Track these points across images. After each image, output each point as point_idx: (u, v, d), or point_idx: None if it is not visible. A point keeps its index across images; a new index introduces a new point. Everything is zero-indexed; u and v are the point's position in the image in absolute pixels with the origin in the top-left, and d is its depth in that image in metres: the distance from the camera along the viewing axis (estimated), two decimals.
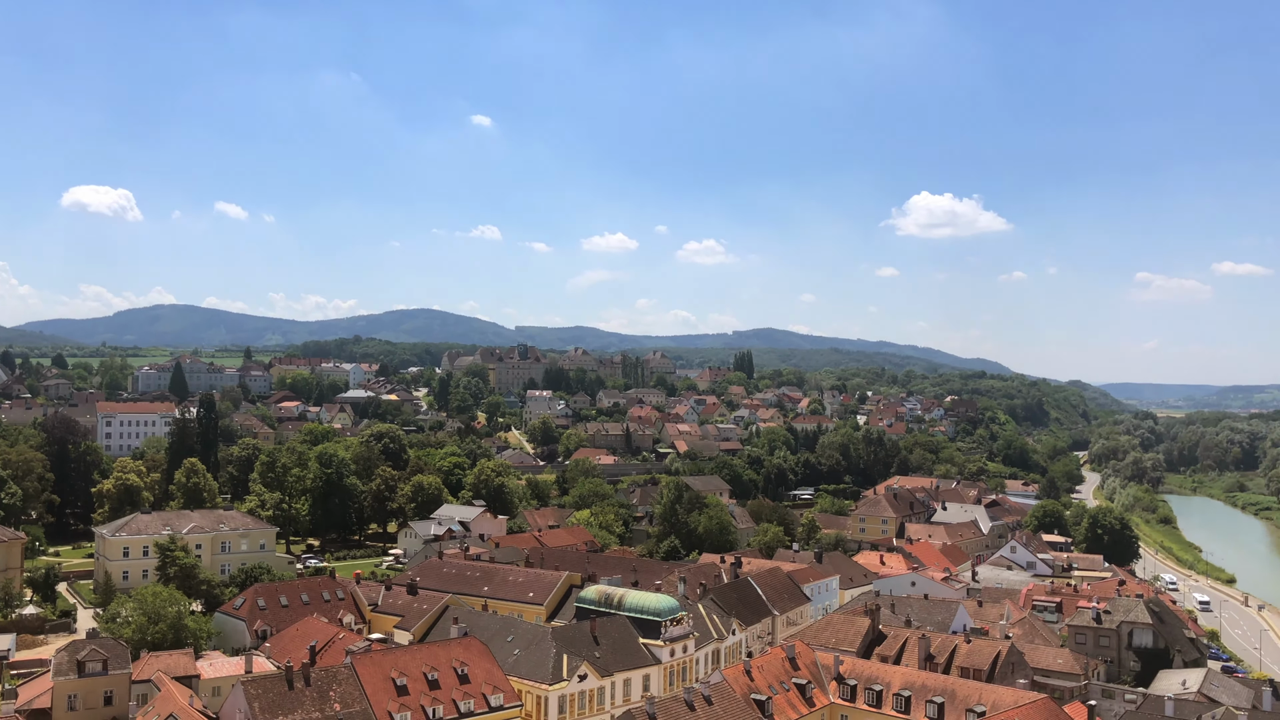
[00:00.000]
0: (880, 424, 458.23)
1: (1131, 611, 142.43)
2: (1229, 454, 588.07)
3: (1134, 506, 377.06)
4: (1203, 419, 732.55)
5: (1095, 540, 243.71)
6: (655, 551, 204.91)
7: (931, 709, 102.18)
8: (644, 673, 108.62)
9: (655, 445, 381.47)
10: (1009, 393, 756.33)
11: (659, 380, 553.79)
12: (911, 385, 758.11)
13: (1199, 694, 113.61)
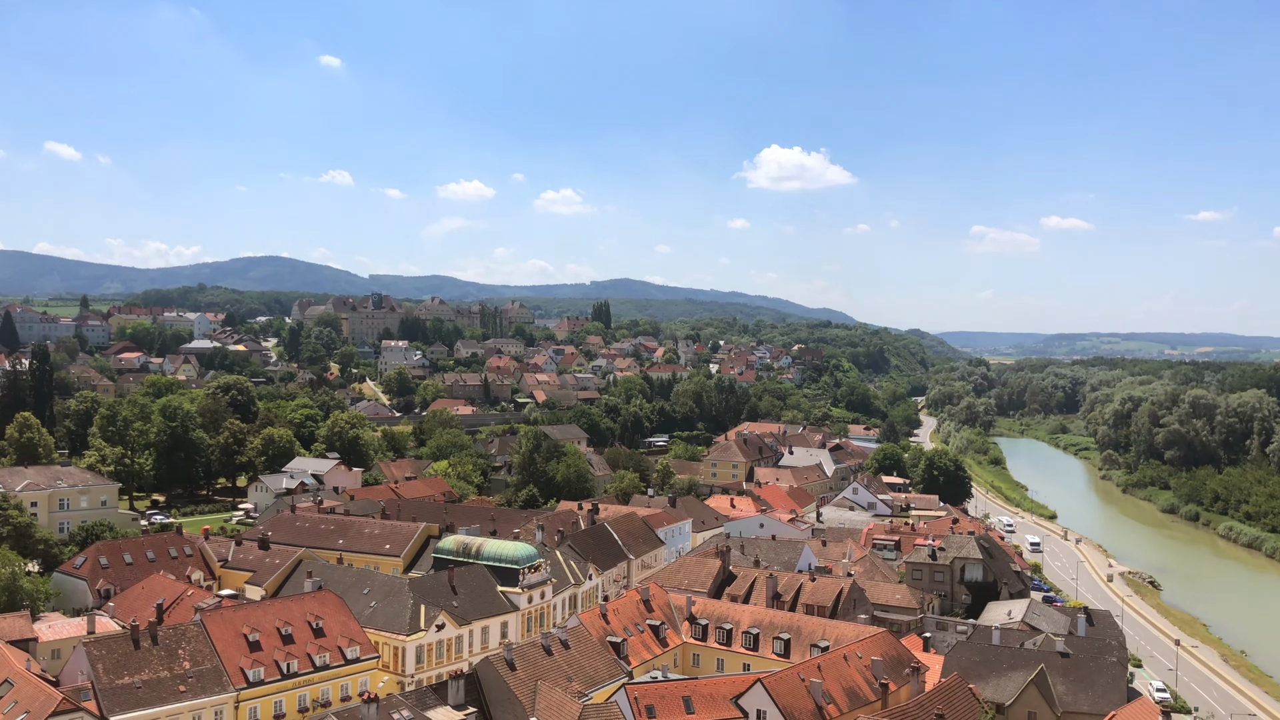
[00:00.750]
0: (732, 372, 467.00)
1: (964, 548, 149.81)
2: (1053, 398, 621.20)
3: (967, 449, 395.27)
4: (1030, 365, 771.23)
5: (931, 481, 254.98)
6: (514, 501, 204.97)
7: (778, 645, 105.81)
8: (502, 620, 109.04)
9: (514, 395, 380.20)
10: (853, 341, 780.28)
11: (517, 330, 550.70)
12: (761, 335, 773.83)
13: (1022, 623, 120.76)
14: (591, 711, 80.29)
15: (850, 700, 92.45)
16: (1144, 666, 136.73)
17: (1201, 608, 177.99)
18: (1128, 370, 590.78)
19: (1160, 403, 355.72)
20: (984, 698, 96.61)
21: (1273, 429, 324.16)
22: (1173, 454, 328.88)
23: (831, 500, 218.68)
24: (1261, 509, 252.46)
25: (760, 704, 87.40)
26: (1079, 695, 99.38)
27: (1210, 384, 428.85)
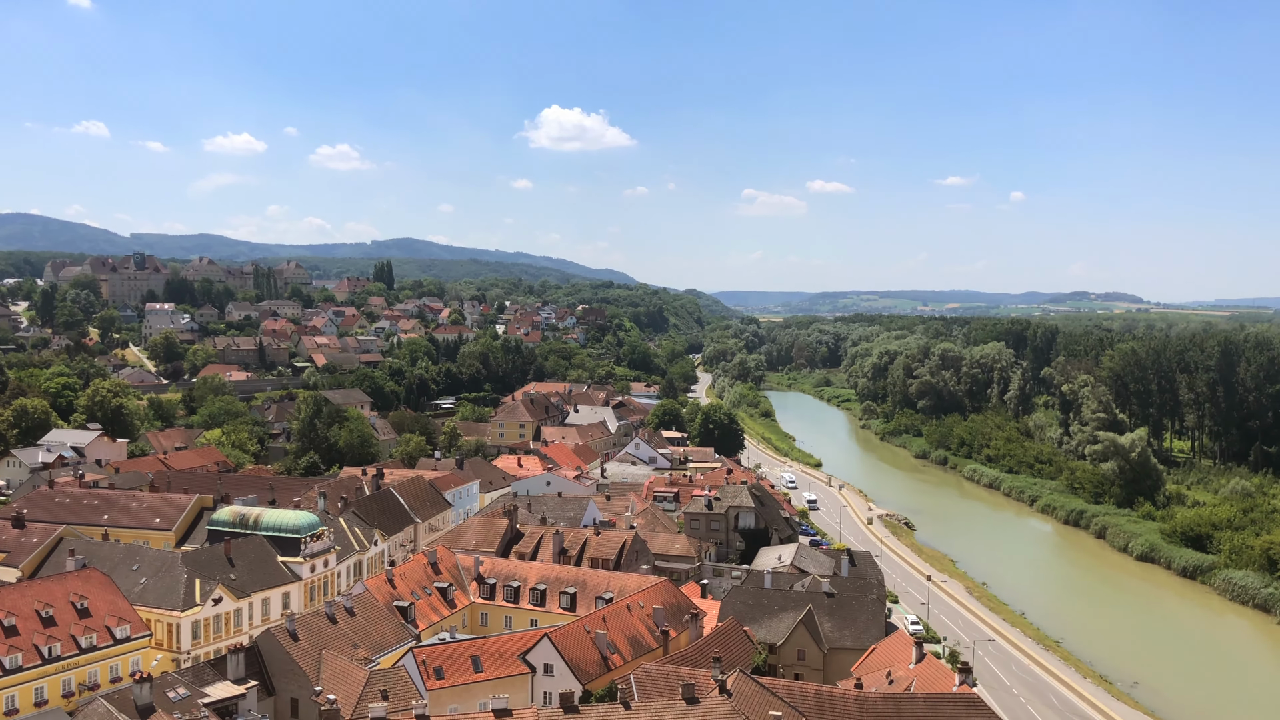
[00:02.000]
0: (518, 333, 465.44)
1: (738, 497, 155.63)
2: (818, 353, 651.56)
3: (740, 403, 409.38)
4: (797, 323, 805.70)
5: (708, 434, 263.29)
6: (294, 469, 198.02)
7: (564, 599, 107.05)
8: (284, 590, 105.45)
9: (292, 360, 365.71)
10: (634, 301, 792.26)
11: (294, 292, 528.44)
12: (546, 295, 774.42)
13: (791, 566, 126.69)
14: (379, 677, 78.98)
15: (634, 648, 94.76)
16: (900, 602, 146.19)
17: (949, 545, 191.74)
18: (885, 326, 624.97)
19: (913, 356, 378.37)
20: (757, 639, 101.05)
21: (1010, 378, 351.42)
22: (925, 403, 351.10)
23: (615, 456, 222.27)
24: (1000, 452, 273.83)
25: (547, 658, 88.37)
26: (843, 632, 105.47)
27: (957, 338, 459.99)
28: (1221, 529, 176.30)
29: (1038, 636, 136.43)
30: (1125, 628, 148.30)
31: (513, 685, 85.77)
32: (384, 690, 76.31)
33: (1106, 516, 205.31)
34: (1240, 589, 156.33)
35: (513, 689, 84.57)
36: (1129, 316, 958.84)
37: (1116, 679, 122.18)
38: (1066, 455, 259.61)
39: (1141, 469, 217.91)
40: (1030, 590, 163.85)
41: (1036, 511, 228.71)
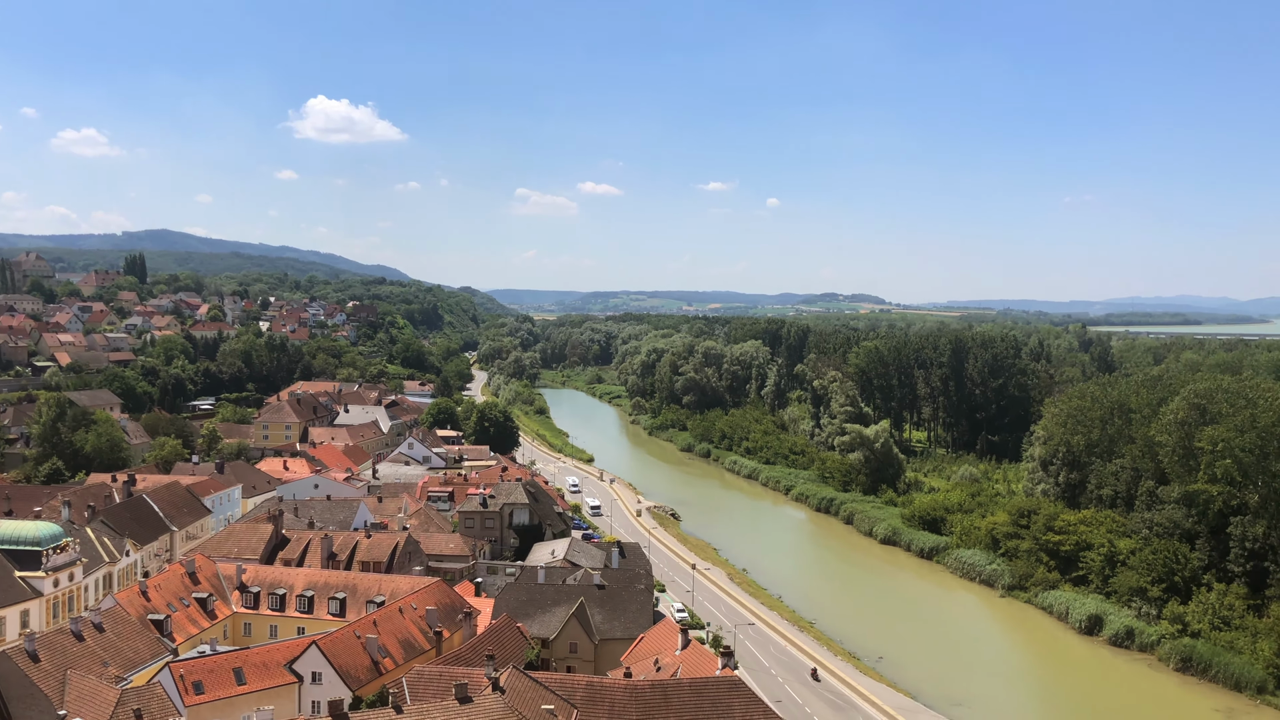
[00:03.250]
0: (284, 330, 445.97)
1: (512, 494, 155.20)
2: (590, 351, 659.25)
3: (515, 400, 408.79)
4: (570, 321, 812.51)
5: (483, 432, 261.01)
6: (34, 476, 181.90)
7: (334, 605, 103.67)
8: (22, 608, 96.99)
9: (31, 359, 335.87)
10: (407, 298, 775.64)
11: (34, 285, 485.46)
12: (315, 291, 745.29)
13: (564, 560, 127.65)
14: (131, 696, 73.93)
15: (406, 651, 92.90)
16: (667, 590, 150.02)
17: (713, 534, 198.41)
18: (653, 325, 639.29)
19: (679, 354, 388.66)
20: (531, 634, 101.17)
21: (767, 374, 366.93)
22: (690, 399, 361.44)
23: (388, 456, 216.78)
24: (758, 444, 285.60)
25: (315, 665, 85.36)
26: (614, 622, 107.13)
27: (719, 336, 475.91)
28: (953, 512, 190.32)
29: (793, 618, 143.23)
30: (871, 607, 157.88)
31: (279, 696, 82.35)
32: (137, 709, 71.49)
33: (854, 503, 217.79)
34: (969, 566, 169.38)
35: (279, 700, 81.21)
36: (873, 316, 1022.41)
37: (863, 655, 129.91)
38: (818, 446, 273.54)
39: (885, 458, 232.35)
40: (786, 574, 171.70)
41: (791, 500, 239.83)
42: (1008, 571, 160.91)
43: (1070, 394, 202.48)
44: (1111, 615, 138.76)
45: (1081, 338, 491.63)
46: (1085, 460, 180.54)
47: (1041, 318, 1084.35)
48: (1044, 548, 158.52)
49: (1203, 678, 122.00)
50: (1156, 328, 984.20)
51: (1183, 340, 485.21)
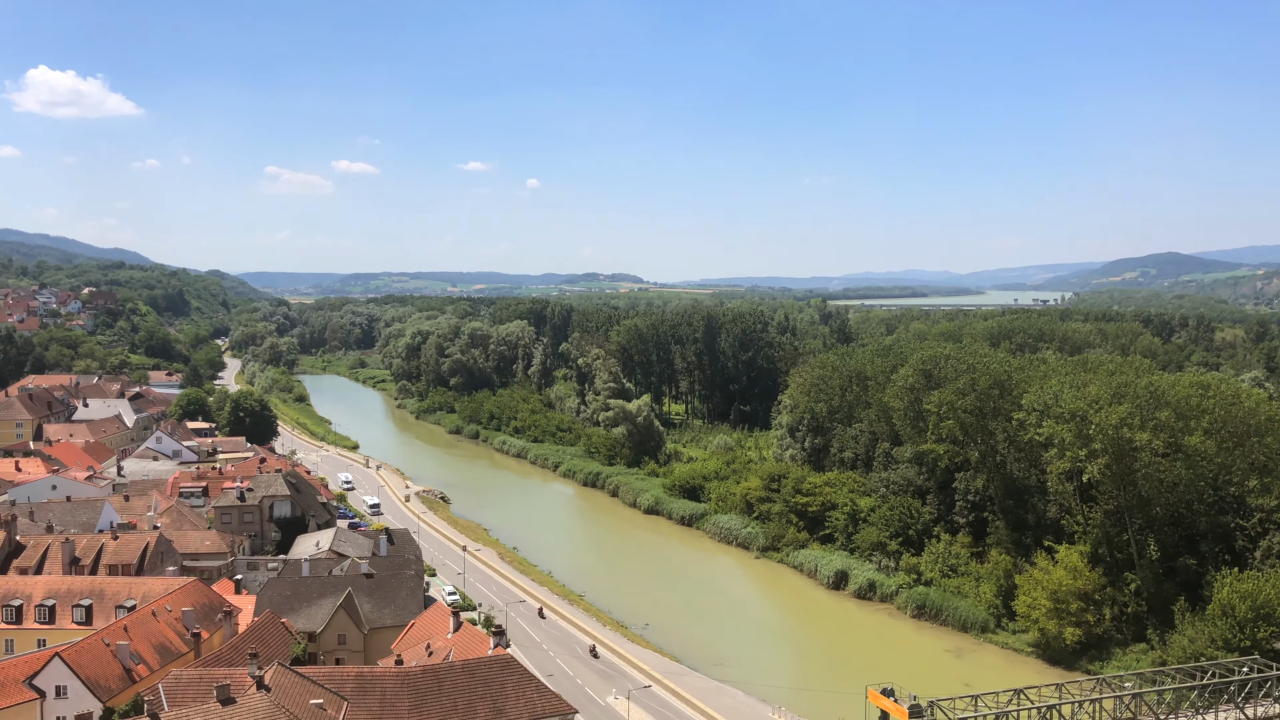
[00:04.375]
0: (10, 320, 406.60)
1: (272, 486, 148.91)
2: (352, 335, 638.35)
3: (272, 388, 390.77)
4: (329, 305, 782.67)
5: (238, 423, 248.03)
6: None
7: (79, 613, 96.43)
8: None
9: None
10: (149, 283, 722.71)
11: None
12: (45, 277, 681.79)
13: (330, 551, 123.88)
14: None
15: (162, 656, 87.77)
16: (438, 574, 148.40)
17: (483, 515, 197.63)
18: (417, 307, 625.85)
19: (445, 335, 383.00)
20: (297, 629, 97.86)
21: (533, 354, 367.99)
22: (457, 380, 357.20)
23: (134, 452, 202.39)
24: (526, 423, 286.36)
25: (60, 679, 79.33)
26: (383, 611, 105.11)
27: (485, 317, 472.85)
28: (710, 480, 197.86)
29: (564, 593, 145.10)
30: (638, 576, 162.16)
31: (18, 714, 75.96)
32: None
33: (619, 476, 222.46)
34: (726, 531, 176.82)
35: (18, 718, 74.87)
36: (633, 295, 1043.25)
37: (631, 623, 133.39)
38: (584, 423, 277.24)
39: (647, 432, 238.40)
40: (557, 550, 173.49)
41: (560, 476, 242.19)
42: (761, 534, 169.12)
43: (813, 364, 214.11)
44: (855, 570, 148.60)
45: (822, 311, 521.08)
46: (828, 426, 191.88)
47: (786, 293, 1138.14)
48: (794, 509, 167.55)
49: (935, 622, 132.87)
50: (888, 300, 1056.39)
51: (911, 312, 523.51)
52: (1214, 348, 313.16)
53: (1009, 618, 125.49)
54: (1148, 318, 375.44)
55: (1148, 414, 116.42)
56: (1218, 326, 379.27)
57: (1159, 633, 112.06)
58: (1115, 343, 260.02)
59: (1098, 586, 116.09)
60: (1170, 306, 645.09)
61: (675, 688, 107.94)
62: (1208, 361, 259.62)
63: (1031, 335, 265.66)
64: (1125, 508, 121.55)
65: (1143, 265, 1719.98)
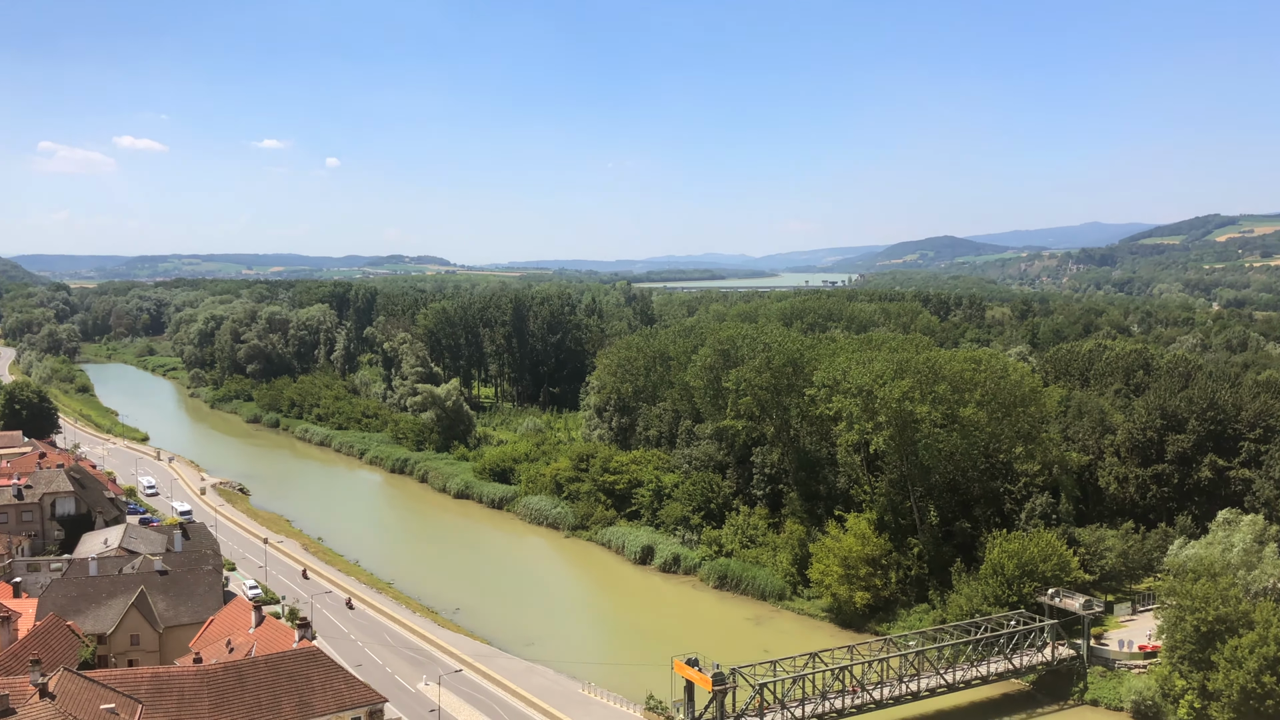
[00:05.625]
0: None
1: (53, 483, 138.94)
2: (139, 321, 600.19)
3: (52, 378, 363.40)
4: (114, 288, 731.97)
5: (14, 416, 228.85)
6: None
7: None
8: None
9: None
10: None
11: None
12: None
13: (120, 548, 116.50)
14: None
15: None
16: (239, 569, 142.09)
17: (285, 506, 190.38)
18: (209, 290, 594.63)
19: (241, 320, 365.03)
20: (85, 631, 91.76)
21: (336, 339, 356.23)
22: (254, 367, 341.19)
23: None
24: (330, 410, 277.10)
25: None
26: (179, 608, 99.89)
27: (284, 301, 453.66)
28: (520, 462, 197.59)
29: (371, 581, 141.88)
30: (448, 560, 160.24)
31: None
32: None
33: (428, 461, 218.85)
34: (536, 512, 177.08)
35: None
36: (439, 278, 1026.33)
37: (441, 608, 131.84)
38: (391, 408, 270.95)
39: (456, 416, 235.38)
40: (364, 539, 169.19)
41: (366, 464, 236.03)
42: (571, 513, 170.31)
43: (618, 346, 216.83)
44: (661, 544, 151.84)
45: (627, 294, 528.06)
46: (634, 405, 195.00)
47: (593, 276, 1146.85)
48: (602, 488, 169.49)
49: (736, 592, 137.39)
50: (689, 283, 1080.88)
51: (711, 294, 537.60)
52: (985, 325, 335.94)
53: (804, 585, 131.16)
54: (926, 298, 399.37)
55: (927, 388, 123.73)
56: (988, 305, 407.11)
57: (939, 593, 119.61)
58: (898, 321, 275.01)
59: (884, 552, 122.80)
60: (946, 287, 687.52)
61: (486, 670, 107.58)
62: (980, 338, 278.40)
63: (821, 315, 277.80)
64: (908, 476, 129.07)
65: (922, 248, 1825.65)
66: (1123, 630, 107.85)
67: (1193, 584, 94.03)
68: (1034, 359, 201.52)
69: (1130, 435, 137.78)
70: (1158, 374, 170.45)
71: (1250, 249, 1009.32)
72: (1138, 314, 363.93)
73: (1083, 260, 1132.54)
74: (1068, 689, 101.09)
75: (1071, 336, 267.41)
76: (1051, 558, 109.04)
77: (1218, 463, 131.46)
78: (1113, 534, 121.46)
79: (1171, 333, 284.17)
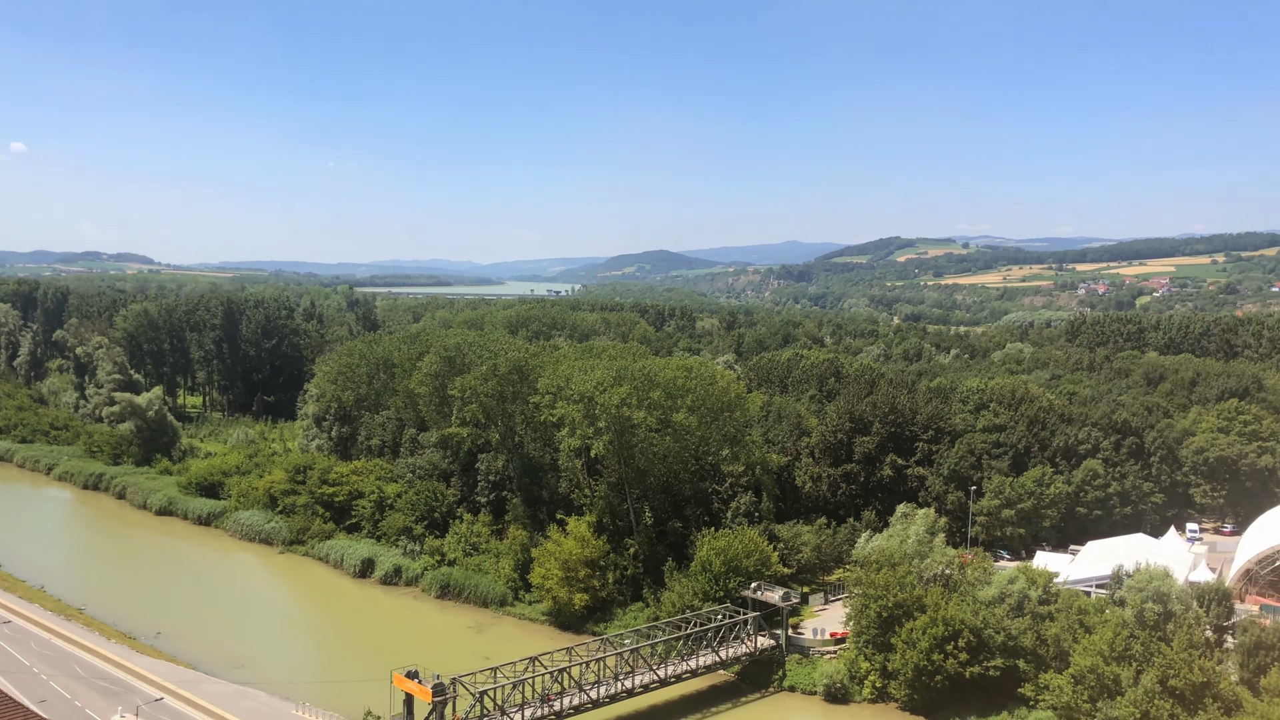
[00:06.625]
0: None
1: None
2: None
3: None
4: None
5: None
6: None
7: None
8: None
9: None
10: None
11: None
12: None
13: None
14: None
15: None
16: None
17: None
18: None
19: None
20: None
21: (20, 342, 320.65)
22: None
23: None
24: (12, 421, 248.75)
25: None
26: None
27: None
28: (231, 475, 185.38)
29: (59, 608, 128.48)
30: (148, 582, 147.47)
31: None
32: None
33: (126, 476, 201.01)
34: (248, 527, 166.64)
35: None
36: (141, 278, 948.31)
37: (140, 633, 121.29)
38: (84, 419, 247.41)
39: (159, 427, 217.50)
40: (51, 562, 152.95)
41: (55, 480, 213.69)
42: (286, 527, 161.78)
43: (340, 352, 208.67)
44: (382, 556, 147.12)
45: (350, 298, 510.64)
46: (356, 414, 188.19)
47: (313, 279, 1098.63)
48: (320, 500, 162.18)
49: (458, 600, 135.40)
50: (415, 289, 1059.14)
51: (437, 300, 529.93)
52: (696, 335, 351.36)
53: (526, 590, 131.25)
54: (644, 308, 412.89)
55: (643, 394, 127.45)
56: (699, 317, 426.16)
57: (653, 591, 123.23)
58: (617, 330, 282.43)
59: (603, 553, 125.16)
60: (662, 299, 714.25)
61: (191, 696, 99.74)
62: (691, 347, 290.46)
63: (546, 323, 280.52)
64: (625, 479, 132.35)
65: (640, 261, 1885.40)
66: (817, 619, 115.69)
67: (875, 574, 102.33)
68: (739, 367, 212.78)
69: (823, 437, 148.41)
70: (847, 381, 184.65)
71: (925, 269, 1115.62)
72: (830, 326, 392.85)
73: (783, 276, 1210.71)
74: (769, 677, 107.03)
75: (772, 346, 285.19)
76: (754, 554, 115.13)
77: (897, 461, 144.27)
78: (808, 529, 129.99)
79: (859, 343, 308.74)
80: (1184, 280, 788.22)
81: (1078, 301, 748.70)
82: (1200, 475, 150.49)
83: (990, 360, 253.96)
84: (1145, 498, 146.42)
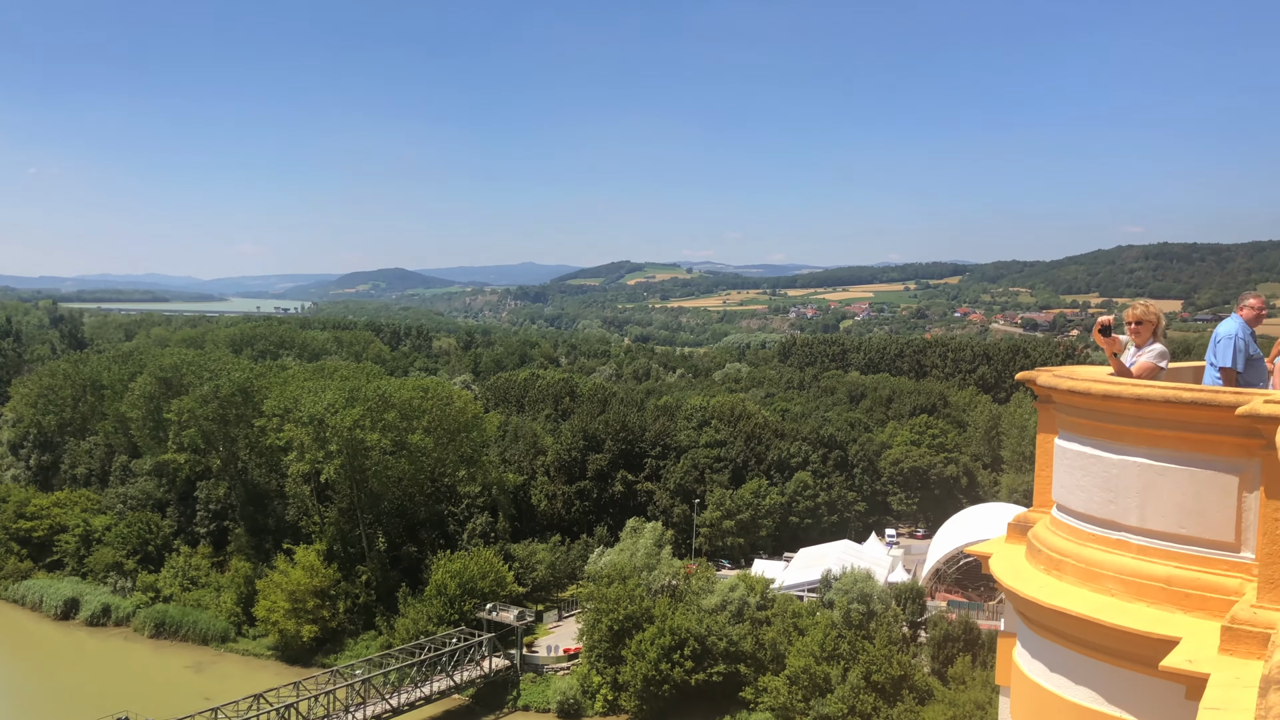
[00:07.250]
0: None
1: None
2: None
3: None
4: None
5: None
6: None
7: None
8: None
9: None
10: None
11: None
12: None
13: None
14: None
15: None
16: None
17: None
18: None
19: None
20: None
21: None
22: None
23: None
24: None
25: None
26: None
27: None
28: None
29: None
30: None
31: None
32: None
33: None
34: None
35: None
36: None
37: None
38: None
39: None
40: None
41: None
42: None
43: (41, 373, 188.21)
44: (88, 595, 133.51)
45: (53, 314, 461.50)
46: (59, 440, 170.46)
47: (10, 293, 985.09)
48: (15, 536, 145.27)
49: (175, 639, 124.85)
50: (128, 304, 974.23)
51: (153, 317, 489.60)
52: (433, 354, 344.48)
53: (250, 624, 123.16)
54: (379, 327, 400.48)
55: (377, 415, 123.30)
56: (436, 336, 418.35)
57: (386, 619, 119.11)
58: (350, 350, 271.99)
59: (333, 582, 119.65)
60: (398, 317, 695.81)
61: None
62: (428, 367, 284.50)
63: (274, 342, 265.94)
64: (358, 504, 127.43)
65: (374, 279, 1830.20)
66: (551, 636, 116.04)
67: (607, 588, 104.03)
68: (476, 387, 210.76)
69: (558, 455, 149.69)
70: (581, 400, 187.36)
71: (653, 292, 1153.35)
72: (565, 346, 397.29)
73: (520, 296, 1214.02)
74: (504, 698, 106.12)
75: (510, 366, 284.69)
76: (490, 574, 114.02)
77: (628, 477, 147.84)
78: (543, 547, 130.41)
79: (592, 363, 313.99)
80: (881, 305, 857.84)
81: (789, 324, 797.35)
82: (896, 484, 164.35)
83: (712, 379, 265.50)
84: (850, 506, 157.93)
